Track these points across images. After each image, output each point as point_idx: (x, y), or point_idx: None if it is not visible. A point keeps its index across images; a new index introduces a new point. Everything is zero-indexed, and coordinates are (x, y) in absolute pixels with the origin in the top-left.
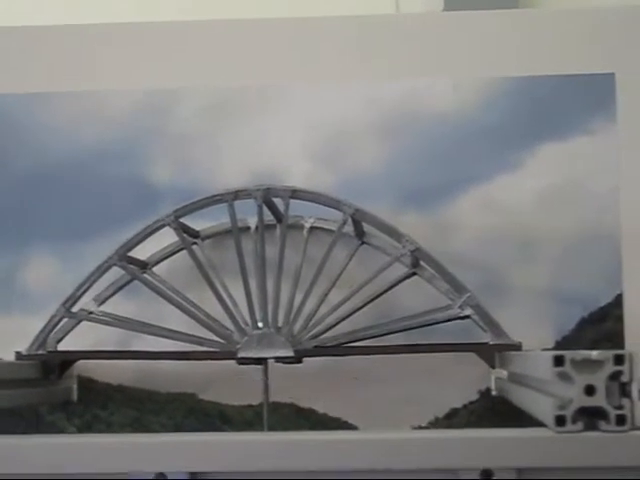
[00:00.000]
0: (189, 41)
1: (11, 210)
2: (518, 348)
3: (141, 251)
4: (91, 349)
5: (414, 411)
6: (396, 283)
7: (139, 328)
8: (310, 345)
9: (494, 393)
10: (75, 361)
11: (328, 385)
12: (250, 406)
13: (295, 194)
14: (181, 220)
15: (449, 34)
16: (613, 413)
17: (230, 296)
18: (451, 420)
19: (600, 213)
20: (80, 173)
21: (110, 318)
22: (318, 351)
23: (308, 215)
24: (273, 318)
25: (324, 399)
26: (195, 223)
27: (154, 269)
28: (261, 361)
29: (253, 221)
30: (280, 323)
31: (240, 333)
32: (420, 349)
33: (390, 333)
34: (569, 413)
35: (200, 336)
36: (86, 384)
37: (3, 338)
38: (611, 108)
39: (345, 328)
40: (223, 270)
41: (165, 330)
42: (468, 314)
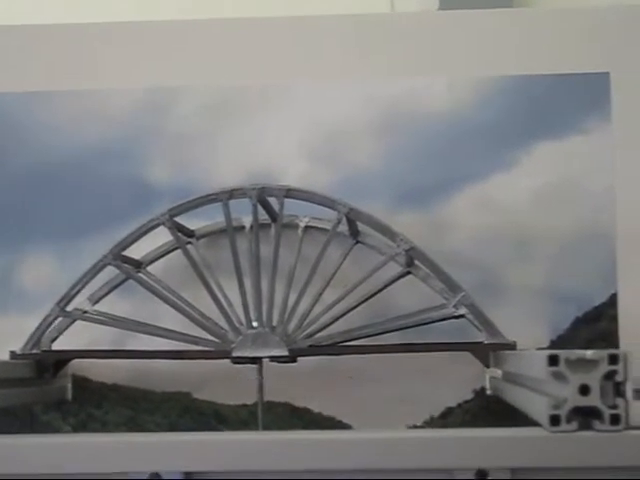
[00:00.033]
0: (189, 40)
1: (9, 209)
2: (513, 347)
3: (136, 250)
4: (85, 348)
5: (409, 410)
6: (391, 282)
7: (134, 327)
8: (304, 344)
9: (489, 392)
10: (69, 360)
11: (323, 384)
12: (245, 405)
13: (290, 193)
14: (176, 219)
15: (444, 33)
16: (607, 413)
17: (225, 295)
18: (446, 419)
19: (595, 212)
20: (80, 172)
21: (104, 317)
22: (312, 350)
23: (303, 214)
24: (268, 317)
25: (319, 398)
26: (190, 222)
27: (149, 268)
28: (256, 360)
29: (248, 220)
30: (275, 322)
31: (235, 332)
32: (415, 348)
33: (385, 332)
34: (563, 413)
35: (195, 335)
36: (81, 383)
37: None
38: (606, 107)
39: (340, 327)
40: (218, 269)
41: (160, 329)
42: (463, 313)
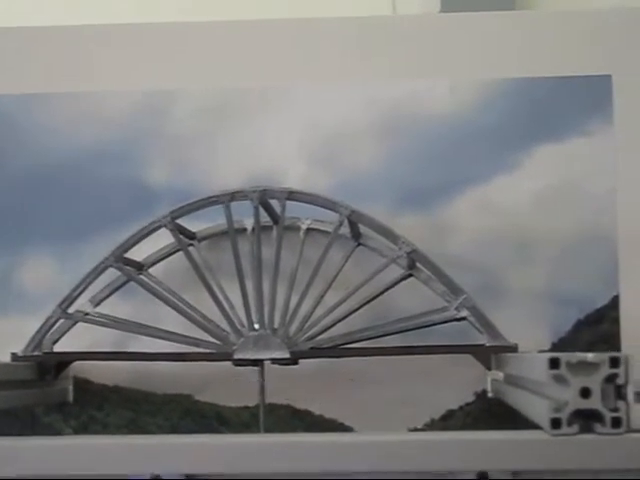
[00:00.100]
0: (188, 42)
1: (9, 210)
2: (514, 350)
3: (137, 252)
4: (87, 350)
5: (410, 413)
6: (392, 285)
7: (135, 329)
8: (306, 347)
9: (490, 395)
10: (71, 362)
11: (324, 386)
12: (246, 407)
13: (291, 195)
14: (177, 221)
15: (446, 36)
16: (608, 416)
17: (226, 297)
18: (447, 422)
19: (597, 215)
20: (78, 174)
21: (106, 319)
22: (314, 352)
23: (305, 217)
24: (269, 319)
25: (320, 400)
26: (191, 224)
27: (150, 270)
28: (257, 362)
29: (249, 222)
30: (276, 324)
31: (236, 334)
32: (416, 351)
33: (386, 335)
34: (565, 415)
35: (196, 337)
36: (82, 385)
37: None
38: (608, 110)
39: (341, 330)
40: (219, 271)
41: (161, 331)
42: (464, 316)
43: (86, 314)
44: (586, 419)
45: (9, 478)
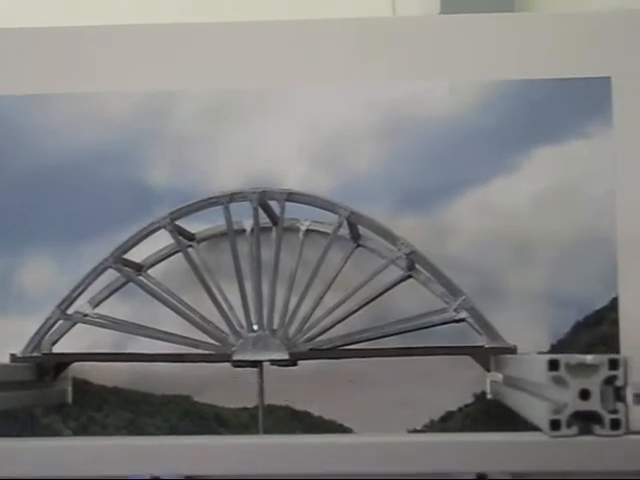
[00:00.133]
0: (188, 43)
1: (9, 211)
2: (513, 351)
3: (137, 253)
4: (86, 351)
5: (409, 414)
6: (391, 286)
7: (134, 330)
8: (305, 348)
9: (489, 396)
10: (70, 363)
11: (323, 388)
12: (245, 409)
13: (291, 197)
14: (177, 222)
15: (445, 37)
16: (608, 417)
17: (225, 299)
18: (446, 423)
19: (596, 216)
20: (78, 175)
21: (105, 320)
22: (313, 354)
23: (304, 218)
24: (268, 321)
25: (319, 402)
26: (191, 225)
27: (149, 271)
28: (256, 364)
29: (249, 224)
30: (275, 326)
31: (235, 336)
32: (415, 352)
33: (385, 336)
34: (564, 417)
35: (195, 339)
36: (81, 386)
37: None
38: (607, 112)
39: (340, 331)
40: (218, 273)
41: (160, 332)
42: (463, 317)
43: (85, 315)
44: (585, 421)
45: (8, 479)
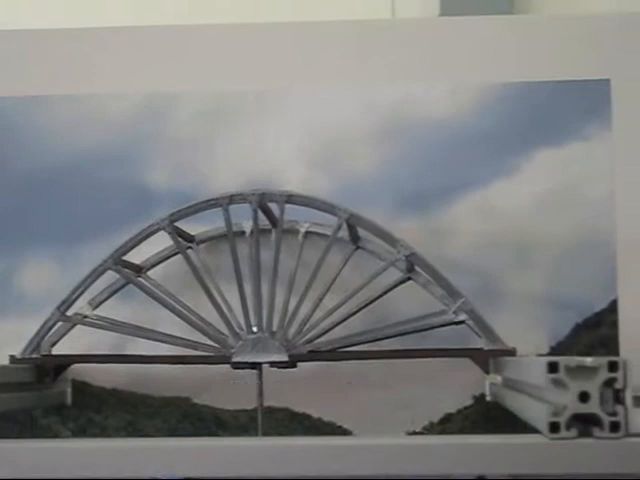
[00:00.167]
0: (187, 45)
1: (9, 213)
2: (512, 354)
3: (137, 255)
4: (85, 353)
5: (408, 416)
6: (391, 288)
7: (133, 332)
8: (304, 350)
9: (488, 399)
10: (69, 365)
11: (322, 390)
12: (244, 410)
13: (290, 199)
14: (176, 224)
15: (445, 39)
16: (607, 420)
17: (225, 300)
18: (445, 425)
19: (595, 219)
20: (78, 177)
21: (105, 322)
22: (312, 356)
23: (303, 220)
24: (268, 323)
25: (318, 404)
26: (190, 227)
27: (149, 273)
28: (255, 366)
29: (248, 225)
30: (275, 328)
31: (235, 337)
32: (415, 354)
33: (385, 338)
34: (563, 420)
35: (195, 340)
36: (80, 388)
37: None
38: (606, 114)
39: (340, 333)
40: (218, 274)
41: (159, 334)
42: (462, 319)
43: (85, 317)
44: (585, 423)
45: None
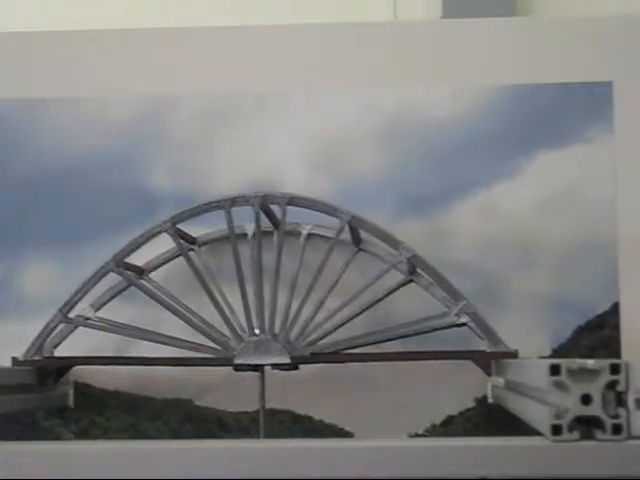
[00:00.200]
0: (188, 47)
1: (9, 215)
2: (514, 356)
3: (139, 257)
4: (88, 355)
5: (410, 418)
6: (393, 290)
7: (135, 334)
8: (306, 352)
9: (490, 401)
10: (71, 367)
11: (324, 391)
12: (246, 412)
13: (292, 201)
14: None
15: (447, 41)
16: (609, 422)
17: (227, 302)
18: (447, 427)
19: (597, 221)
20: (78, 179)
21: (107, 324)
22: (314, 358)
23: (305, 222)
24: (270, 325)
25: (320, 406)
26: (192, 229)
27: (151, 275)
28: (258, 368)
29: (250, 228)
30: (277, 330)
31: (237, 339)
32: (417, 356)
33: (386, 340)
34: (565, 422)
35: (197, 342)
36: (83, 390)
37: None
38: (608, 116)
39: (342, 335)
40: (220, 276)
41: (162, 336)
42: (465, 322)
43: (87, 319)
44: (587, 425)
45: None
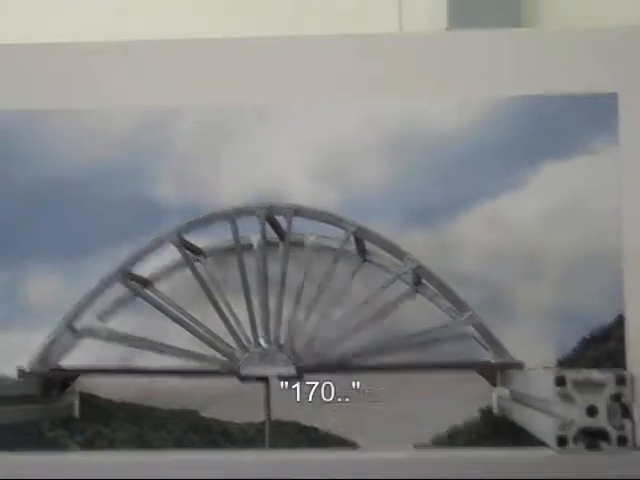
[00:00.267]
0: (190, 59)
1: (13, 226)
2: (520, 367)
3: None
4: (93, 365)
5: (415, 428)
6: (398, 301)
7: (141, 345)
8: (312, 362)
9: (496, 412)
10: (77, 377)
11: (329, 402)
12: (252, 423)
13: (298, 212)
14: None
15: (452, 53)
16: (614, 434)
17: (232, 313)
18: (452, 438)
19: (602, 232)
20: (80, 190)
21: (112, 335)
22: (319, 368)
23: (310, 233)
24: (275, 335)
25: (325, 416)
26: (198, 240)
27: (156, 286)
28: (263, 378)
29: (256, 238)
30: (282, 340)
31: (242, 350)
32: (422, 367)
33: (392, 351)
34: (571, 434)
35: (202, 353)
36: (88, 400)
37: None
38: (614, 128)
39: (346, 345)
40: (225, 287)
41: (167, 347)
42: (470, 332)
43: (92, 329)
44: (592, 437)
45: None
